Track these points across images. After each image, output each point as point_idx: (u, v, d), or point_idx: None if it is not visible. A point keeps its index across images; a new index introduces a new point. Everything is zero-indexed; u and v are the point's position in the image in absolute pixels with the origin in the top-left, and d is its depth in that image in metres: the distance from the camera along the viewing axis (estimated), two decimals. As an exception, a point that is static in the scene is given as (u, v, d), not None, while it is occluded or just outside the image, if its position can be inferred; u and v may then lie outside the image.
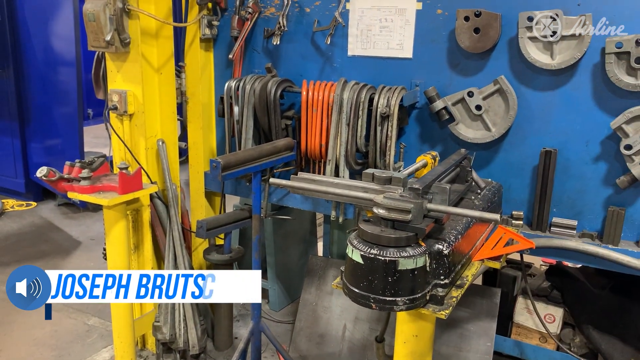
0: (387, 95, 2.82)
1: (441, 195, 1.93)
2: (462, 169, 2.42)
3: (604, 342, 2.96)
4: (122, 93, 3.14)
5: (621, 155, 2.52)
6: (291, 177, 2.04)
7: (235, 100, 3.18)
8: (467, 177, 2.43)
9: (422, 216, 1.77)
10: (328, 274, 3.66)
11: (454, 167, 2.35)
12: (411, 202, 1.73)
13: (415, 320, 2.01)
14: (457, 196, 2.26)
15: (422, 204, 1.75)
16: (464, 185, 2.39)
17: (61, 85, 5.69)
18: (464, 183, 2.42)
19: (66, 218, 6.03)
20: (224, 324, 3.60)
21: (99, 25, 2.99)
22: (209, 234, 3.23)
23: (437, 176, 2.03)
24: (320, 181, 2.00)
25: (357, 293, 1.77)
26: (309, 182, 2.00)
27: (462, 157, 2.45)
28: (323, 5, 3.09)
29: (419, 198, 1.77)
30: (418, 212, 1.74)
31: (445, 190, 1.92)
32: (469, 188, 2.44)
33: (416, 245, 1.75)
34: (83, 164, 2.90)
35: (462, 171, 2.42)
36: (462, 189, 2.34)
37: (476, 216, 1.90)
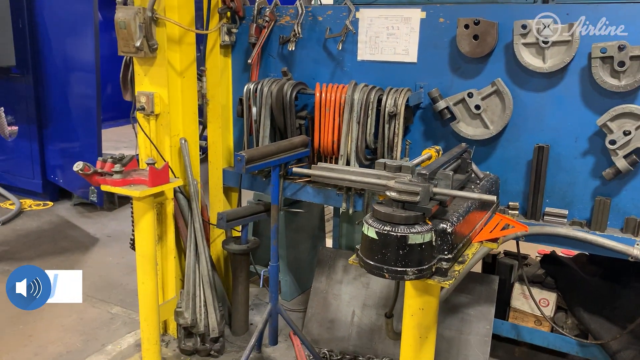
0: (394, 96, 3.09)
1: (445, 181, 2.18)
2: (463, 161, 2.67)
3: (593, 322, 3.21)
4: (149, 95, 3.40)
5: (607, 150, 2.78)
6: (312, 167, 2.31)
7: (253, 101, 3.45)
8: (467, 168, 2.67)
9: (429, 198, 2.03)
10: (337, 264, 3.91)
11: (455, 158, 2.61)
12: (419, 186, 1.99)
13: (421, 294, 2.26)
14: (459, 184, 2.51)
15: (428, 188, 2.01)
16: (465, 176, 2.64)
17: (80, 90, 5.94)
18: (464, 174, 2.66)
19: (82, 217, 6.28)
20: (240, 311, 3.85)
21: (129, 32, 3.26)
22: (228, 225, 3.49)
23: (441, 164, 2.29)
24: (338, 169, 2.27)
25: (372, 265, 2.03)
26: (329, 171, 2.26)
27: (462, 150, 2.70)
28: (334, 14, 3.37)
29: (426, 182, 2.03)
30: (425, 195, 1.99)
31: (449, 177, 2.18)
32: (468, 178, 2.68)
33: (423, 223, 2.01)
34: (115, 160, 3.15)
35: (462, 163, 2.66)
36: (462, 179, 2.60)
37: (475, 197, 2.16)
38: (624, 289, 3.28)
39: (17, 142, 6.56)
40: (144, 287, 3.25)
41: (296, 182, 3.57)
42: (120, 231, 5.81)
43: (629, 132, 2.69)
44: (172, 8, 3.30)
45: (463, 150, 2.67)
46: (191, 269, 3.57)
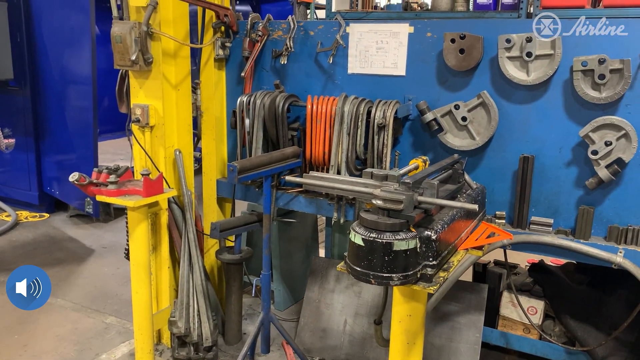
0: (383, 108, 3.17)
1: (430, 190, 2.25)
2: (455, 171, 2.73)
3: (580, 329, 3.27)
4: (144, 107, 3.47)
5: (589, 160, 2.86)
6: (304, 175, 2.38)
7: (246, 113, 3.53)
8: (459, 179, 2.73)
9: (413, 206, 2.10)
10: (330, 273, 3.96)
11: (444, 168, 2.68)
12: (403, 194, 2.06)
13: (408, 301, 2.32)
14: (448, 194, 2.57)
15: (412, 196, 2.08)
16: (456, 186, 2.70)
17: (76, 103, 6.02)
18: (455, 184, 2.72)
19: (78, 228, 6.32)
20: (234, 320, 3.89)
21: (125, 46, 3.34)
22: (222, 235, 3.55)
23: (427, 174, 2.36)
24: (329, 178, 2.34)
25: (359, 271, 2.09)
26: (320, 179, 2.34)
27: (454, 160, 2.77)
28: (325, 29, 3.46)
29: (409, 191, 2.10)
30: (409, 203, 2.06)
31: (434, 186, 2.25)
32: (460, 189, 2.74)
33: (408, 230, 2.08)
34: (110, 170, 3.21)
35: (454, 173, 2.72)
36: (453, 189, 2.66)
37: (458, 206, 2.22)
38: (609, 297, 3.34)
39: (13, 154, 6.62)
40: (138, 296, 3.29)
41: (289, 192, 3.64)
42: (116, 242, 5.85)
43: (610, 142, 2.77)
44: (167, 23, 3.39)
45: (454, 161, 2.74)
46: (185, 279, 3.62)
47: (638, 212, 2.87)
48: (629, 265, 2.81)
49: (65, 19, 5.91)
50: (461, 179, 2.74)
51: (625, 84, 2.71)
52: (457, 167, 2.73)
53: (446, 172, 2.70)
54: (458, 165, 2.75)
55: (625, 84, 2.71)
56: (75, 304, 4.49)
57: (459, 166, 2.74)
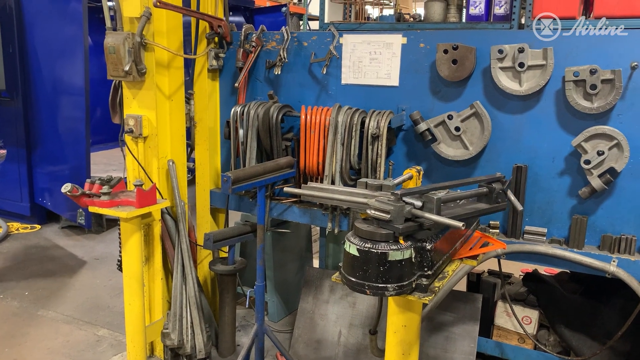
0: (377, 119, 3.18)
1: (429, 204, 2.19)
2: (492, 190, 2.51)
3: (575, 339, 3.27)
4: (137, 118, 3.47)
5: (582, 170, 2.88)
6: (302, 186, 2.38)
7: (240, 123, 3.53)
8: (498, 198, 2.51)
9: (403, 218, 2.06)
10: (324, 284, 3.95)
11: (452, 185, 2.51)
12: (391, 205, 2.04)
13: (403, 311, 2.31)
14: (475, 212, 2.44)
15: (401, 207, 2.05)
16: (489, 205, 2.50)
17: (69, 113, 5.99)
18: (491, 203, 2.51)
19: (70, 240, 6.27)
20: (227, 332, 3.86)
21: (118, 57, 3.33)
22: (215, 246, 3.53)
23: (427, 189, 2.27)
24: (327, 189, 2.34)
25: (354, 282, 2.08)
26: (318, 190, 2.33)
27: (493, 178, 2.55)
28: (319, 40, 3.47)
29: (398, 202, 2.08)
30: (397, 214, 2.04)
31: (433, 201, 2.17)
32: (495, 209, 2.52)
33: (396, 241, 2.05)
34: (102, 181, 3.20)
35: (490, 192, 2.51)
36: (482, 208, 2.48)
37: (445, 223, 2.09)
38: (604, 306, 3.35)
39: (5, 165, 6.57)
40: (130, 308, 3.26)
41: (282, 202, 3.63)
42: (108, 254, 5.81)
43: (602, 152, 2.79)
44: (161, 33, 3.39)
45: (494, 179, 2.56)
46: (178, 290, 3.59)
47: (631, 221, 2.89)
48: (623, 274, 2.82)
49: (58, 29, 5.90)
50: (499, 199, 2.53)
51: (616, 94, 2.73)
52: (496, 186, 2.51)
53: (480, 191, 2.53)
54: (498, 184, 2.52)
55: (616, 94, 2.74)
56: (66, 317, 4.44)
57: (498, 185, 2.52)
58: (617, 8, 2.90)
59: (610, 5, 2.92)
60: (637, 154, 2.79)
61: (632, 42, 2.73)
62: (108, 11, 3.45)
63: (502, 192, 2.52)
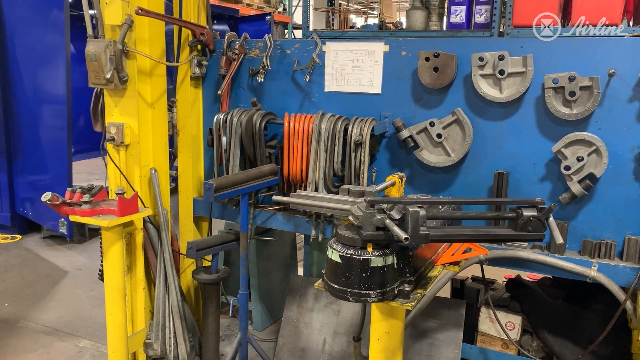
0: (359, 126, 3.19)
1: (414, 220, 1.99)
2: (518, 215, 2.13)
3: (557, 344, 3.29)
4: (119, 126, 3.44)
5: (562, 175, 2.91)
6: (291, 195, 2.37)
7: (223, 131, 3.51)
8: (528, 225, 2.10)
9: (372, 226, 2.00)
10: (309, 292, 3.93)
11: (463, 202, 2.45)
12: (362, 211, 2.03)
13: (386, 318, 2.31)
14: (486, 236, 2.23)
15: (370, 215, 2.01)
16: (511, 232, 2.14)
17: (50, 122, 5.93)
18: (517, 230, 2.12)
19: (52, 250, 6.18)
20: (211, 341, 3.82)
21: (100, 65, 3.31)
22: (198, 255, 3.49)
23: (398, 200, 2.13)
24: (316, 197, 2.33)
25: (336, 288, 2.07)
26: (307, 198, 2.33)
27: (527, 202, 2.17)
28: (302, 48, 3.48)
29: (369, 209, 2.03)
30: (366, 221, 2.01)
31: (417, 216, 1.98)
32: (522, 238, 2.15)
33: (363, 248, 2.00)
34: (84, 190, 3.16)
35: (518, 217, 2.12)
36: (501, 233, 2.20)
37: (396, 233, 1.95)
38: (585, 311, 3.37)
39: (-15, 175, 6.48)
40: (112, 318, 3.22)
41: (266, 210, 3.62)
42: (91, 264, 5.73)
43: (582, 158, 2.82)
44: (143, 41, 3.37)
45: (528, 203, 2.17)
46: (161, 300, 3.55)
47: (610, 226, 2.92)
48: (603, 279, 2.85)
49: (40, 37, 5.85)
50: (532, 227, 2.10)
51: (594, 100, 2.77)
52: (522, 212, 2.12)
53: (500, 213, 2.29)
54: (538, 211, 2.12)
55: (594, 101, 2.77)
56: (47, 328, 4.37)
57: (539, 213, 2.12)
58: (595, 16, 2.95)
59: (588, 13, 2.97)
60: (616, 159, 2.83)
61: (610, 49, 2.78)
62: (90, 19, 3.43)
63: (535, 220, 2.10)
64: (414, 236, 1.95)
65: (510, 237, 2.16)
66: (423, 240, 1.97)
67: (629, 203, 2.86)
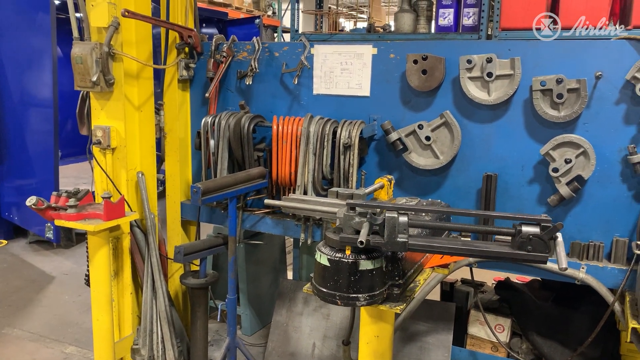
0: (348, 129, 3.18)
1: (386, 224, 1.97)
2: (518, 232, 1.90)
3: (546, 346, 3.29)
4: (105, 129, 3.40)
5: (551, 178, 2.91)
6: (282, 198, 2.34)
7: (211, 134, 3.49)
8: (527, 245, 1.88)
9: (351, 228, 1.99)
10: (298, 296, 3.91)
11: (456, 213, 2.42)
12: (342, 214, 2.01)
13: (376, 322, 2.29)
14: (473, 251, 2.02)
15: (350, 217, 1.99)
16: (508, 250, 1.92)
17: (37, 126, 5.86)
18: (514, 249, 1.90)
19: (38, 255, 6.11)
20: (199, 346, 3.77)
21: (85, 68, 3.27)
22: (186, 259, 3.46)
23: (377, 205, 2.08)
24: (309, 200, 2.31)
25: (325, 292, 2.05)
26: (300, 202, 2.31)
27: (532, 219, 1.92)
28: (290, 51, 3.47)
29: (349, 212, 2.01)
30: (345, 223, 1.99)
31: (396, 223, 1.93)
32: (521, 257, 1.90)
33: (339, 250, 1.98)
34: (69, 194, 3.12)
35: (517, 234, 1.90)
36: (495, 250, 1.95)
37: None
38: (574, 313, 3.38)
39: (-30, 179, 6.39)
40: (98, 324, 3.18)
41: (255, 213, 3.59)
42: (78, 269, 5.67)
43: (570, 160, 2.83)
44: (130, 43, 3.34)
45: (533, 220, 1.92)
46: (148, 305, 3.51)
47: (598, 227, 2.93)
48: (591, 281, 2.85)
49: (26, 40, 5.78)
50: (533, 247, 1.88)
51: (582, 103, 2.78)
52: (522, 229, 1.88)
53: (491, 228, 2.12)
54: (531, 227, 1.88)
55: (582, 103, 2.78)
56: (33, 334, 4.31)
57: (529, 229, 1.88)
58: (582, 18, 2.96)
59: (575, 16, 2.99)
60: (603, 161, 2.84)
61: (596, 51, 2.79)
62: (76, 21, 3.40)
63: (536, 240, 1.87)
64: (391, 243, 1.93)
65: (506, 256, 1.92)
66: (400, 248, 1.94)
67: (617, 205, 2.87)
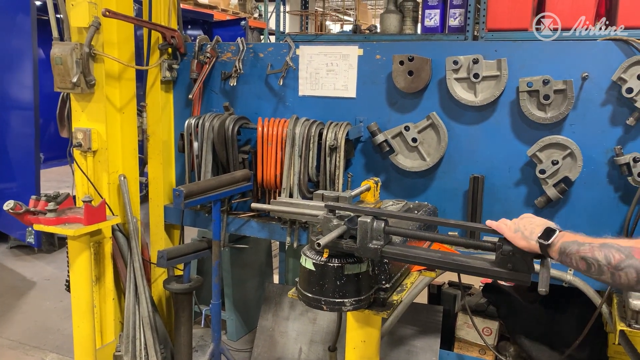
0: (334, 130, 3.13)
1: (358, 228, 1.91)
2: (498, 246, 1.77)
3: (535, 349, 3.27)
4: (86, 131, 3.33)
5: (538, 179, 2.90)
6: (271, 202, 2.29)
7: (195, 136, 3.43)
8: (508, 262, 1.73)
9: (329, 231, 1.92)
10: (284, 300, 3.85)
11: (435, 222, 2.41)
12: (322, 216, 1.97)
13: (362, 327, 2.25)
14: (451, 265, 1.87)
15: (327, 220, 1.95)
16: (487, 267, 1.78)
17: (17, 129, 5.74)
18: (504, 267, 1.74)
19: (18, 260, 5.99)
20: (183, 353, 3.71)
21: (65, 68, 3.20)
22: (169, 263, 3.39)
23: (356, 208, 1.99)
24: (298, 204, 2.26)
25: (310, 297, 2.00)
26: (288, 205, 2.25)
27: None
28: (275, 51, 3.42)
29: (328, 214, 1.97)
30: (324, 226, 1.95)
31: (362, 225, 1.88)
32: (499, 274, 1.76)
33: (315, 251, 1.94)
34: (48, 198, 3.05)
35: (497, 249, 1.77)
36: (478, 266, 1.80)
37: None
38: (562, 315, 3.36)
39: (-52, 184, 6.24)
40: (79, 330, 3.11)
41: (240, 217, 3.53)
42: (60, 274, 5.56)
43: (556, 161, 2.81)
44: (111, 44, 3.28)
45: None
46: (131, 311, 3.44)
47: (585, 229, 2.86)
48: (579, 283, 2.83)
49: (5, 41, 5.66)
50: (514, 265, 1.72)
51: (568, 104, 2.77)
52: (502, 245, 1.75)
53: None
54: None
55: (568, 104, 2.77)
56: (12, 341, 4.20)
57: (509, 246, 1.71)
58: (568, 19, 2.95)
59: (561, 17, 2.98)
60: (590, 162, 2.83)
61: (583, 52, 2.78)
62: (56, 21, 3.33)
63: (519, 258, 1.71)
64: (363, 249, 1.87)
65: (485, 273, 1.78)
66: (372, 254, 1.88)
67: (604, 206, 2.86)
